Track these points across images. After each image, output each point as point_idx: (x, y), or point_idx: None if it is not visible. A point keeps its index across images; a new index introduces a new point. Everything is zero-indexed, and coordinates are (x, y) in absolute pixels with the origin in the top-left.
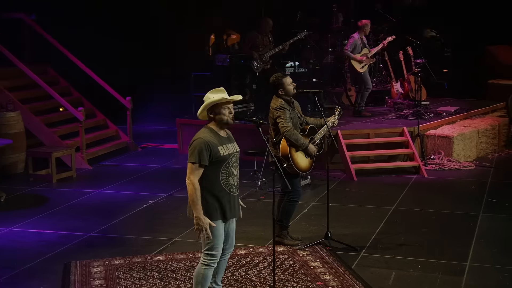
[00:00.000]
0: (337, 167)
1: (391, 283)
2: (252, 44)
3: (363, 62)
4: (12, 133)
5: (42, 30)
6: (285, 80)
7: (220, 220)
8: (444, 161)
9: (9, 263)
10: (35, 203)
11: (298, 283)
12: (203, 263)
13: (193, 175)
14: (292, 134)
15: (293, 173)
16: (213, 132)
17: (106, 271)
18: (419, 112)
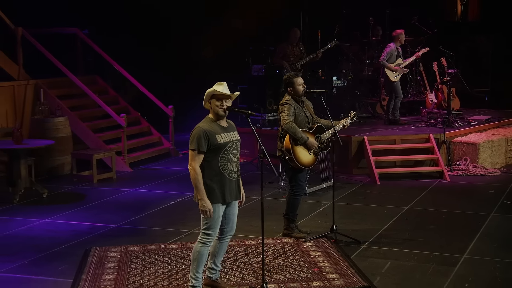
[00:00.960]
0: (363, 171)
1: (384, 271)
2: (283, 55)
3: (397, 72)
4: (59, 137)
5: (93, 44)
6: (296, 80)
7: (220, 204)
8: (470, 167)
9: (38, 248)
10: (73, 199)
11: (295, 269)
12: (200, 241)
13: (194, 161)
14: (290, 127)
15: (295, 167)
16: (212, 122)
17: (121, 256)
18: (449, 120)
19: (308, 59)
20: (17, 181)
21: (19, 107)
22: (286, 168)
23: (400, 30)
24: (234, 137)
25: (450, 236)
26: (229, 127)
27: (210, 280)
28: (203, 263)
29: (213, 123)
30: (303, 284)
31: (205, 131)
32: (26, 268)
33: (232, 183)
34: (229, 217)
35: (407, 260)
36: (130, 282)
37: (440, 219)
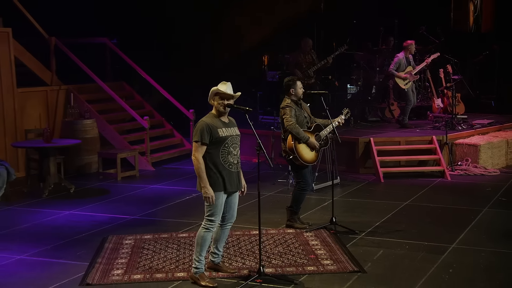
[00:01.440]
0: (369, 171)
1: (375, 258)
2: (296, 62)
3: (407, 79)
4: (87, 138)
5: (121, 52)
6: (298, 83)
7: (222, 192)
8: (470, 167)
9: (60, 235)
10: (97, 194)
11: (293, 255)
12: (204, 227)
13: (197, 152)
14: (293, 128)
15: (300, 164)
16: (214, 117)
17: (135, 243)
18: (452, 123)
19: (320, 65)
20: (46, 177)
21: (52, 110)
22: (292, 166)
23: (411, 41)
24: (234, 132)
25: (443, 228)
26: (230, 123)
27: (213, 264)
28: (206, 247)
29: (215, 118)
30: (299, 268)
31: (208, 125)
32: (49, 253)
33: (233, 174)
34: (230, 205)
35: (398, 249)
36: (141, 265)
37: (436, 214)
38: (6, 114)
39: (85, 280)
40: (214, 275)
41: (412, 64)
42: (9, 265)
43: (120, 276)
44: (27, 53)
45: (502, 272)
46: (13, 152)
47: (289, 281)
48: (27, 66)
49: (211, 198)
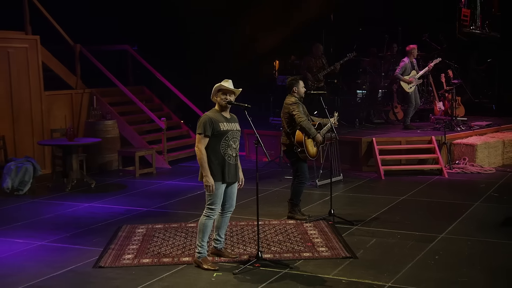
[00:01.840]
0: (371, 169)
1: (368, 246)
2: (307, 66)
3: (411, 83)
4: (108, 137)
5: (141, 59)
6: (300, 82)
7: (220, 182)
8: (467, 165)
9: (79, 225)
10: (116, 189)
11: (291, 243)
12: (205, 214)
13: (200, 143)
14: (306, 123)
15: (303, 158)
16: (217, 112)
17: (146, 231)
18: (451, 125)
19: (329, 70)
20: (69, 172)
21: (76, 111)
22: (292, 160)
23: (413, 45)
24: (235, 128)
25: (435, 220)
26: (231, 119)
27: (216, 250)
28: (208, 234)
29: (218, 113)
30: (295, 254)
31: (211, 119)
32: (67, 239)
33: (231, 166)
34: (229, 195)
35: (390, 238)
36: (150, 251)
37: (430, 207)
38: (34, 115)
39: (98, 263)
40: (217, 260)
41: (416, 69)
42: (31, 249)
43: (130, 260)
44: (54, 59)
45: (484, 259)
46: (40, 150)
47: (284, 265)
48: (54, 71)
49: (211, 187)
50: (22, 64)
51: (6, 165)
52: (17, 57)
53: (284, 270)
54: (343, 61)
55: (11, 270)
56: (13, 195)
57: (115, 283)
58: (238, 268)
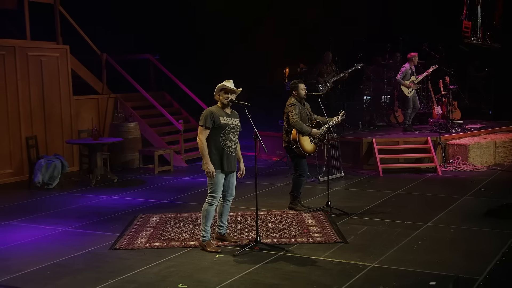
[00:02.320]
0: (372, 167)
1: (359, 233)
2: (319, 72)
3: (411, 89)
4: (130, 138)
5: (162, 67)
6: (300, 85)
7: (219, 171)
8: (460, 164)
9: (100, 214)
10: (136, 184)
11: (289, 230)
12: (207, 202)
13: (201, 134)
14: (297, 124)
15: (300, 154)
16: (219, 108)
17: (159, 220)
18: (447, 127)
19: (338, 77)
20: (94, 169)
21: (102, 114)
22: (291, 156)
23: (414, 53)
24: (235, 122)
25: (423, 211)
26: (232, 114)
27: (219, 235)
28: (210, 219)
29: (219, 108)
30: (291, 239)
31: (212, 112)
32: (88, 226)
33: (230, 157)
34: (229, 185)
35: (380, 226)
36: (161, 236)
37: (421, 200)
38: (63, 117)
39: (114, 246)
40: (220, 244)
41: (415, 75)
42: (56, 234)
43: (142, 243)
44: (82, 66)
45: (464, 244)
46: (69, 149)
47: (280, 249)
48: (82, 77)
49: (211, 173)
50: (53, 71)
51: (37, 162)
52: (49, 65)
53: (279, 253)
54: (351, 70)
55: (38, 251)
56: (43, 188)
57: (128, 262)
58: (238, 251)
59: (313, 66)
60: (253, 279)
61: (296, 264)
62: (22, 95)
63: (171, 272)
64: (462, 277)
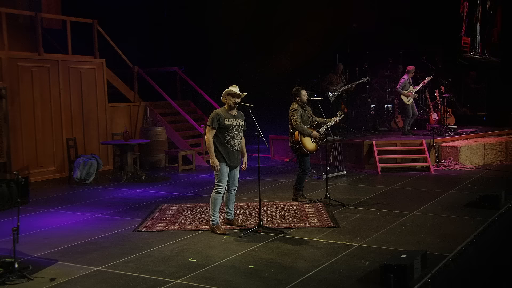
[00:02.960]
0: (372, 167)
1: (351, 220)
2: (330, 81)
3: (409, 98)
4: (158, 140)
5: (188, 78)
6: (302, 91)
7: (224, 163)
8: (452, 164)
9: (127, 204)
10: (161, 180)
11: (290, 217)
12: (215, 190)
13: (208, 133)
14: (298, 126)
15: (303, 152)
16: (225, 110)
17: (178, 209)
18: (441, 131)
19: (346, 88)
20: (125, 167)
21: (133, 120)
22: (296, 154)
23: (412, 66)
24: (239, 123)
25: (412, 202)
26: (237, 116)
27: (228, 220)
28: (218, 205)
29: (225, 111)
30: (291, 224)
31: (218, 114)
32: (117, 214)
33: (234, 153)
34: (233, 176)
35: (371, 215)
36: (178, 221)
37: (411, 194)
38: (99, 122)
39: (137, 229)
40: (228, 227)
41: (412, 85)
42: (89, 219)
43: (161, 227)
44: (116, 78)
45: (442, 229)
46: (104, 149)
47: (280, 232)
48: (116, 87)
49: (216, 167)
50: (91, 81)
51: (76, 160)
52: (87, 76)
53: (279, 235)
54: (358, 82)
55: (74, 232)
56: (80, 183)
57: (148, 241)
58: (243, 233)
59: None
60: (253, 255)
61: (292, 244)
62: (64, 102)
63: (184, 249)
64: (435, 254)
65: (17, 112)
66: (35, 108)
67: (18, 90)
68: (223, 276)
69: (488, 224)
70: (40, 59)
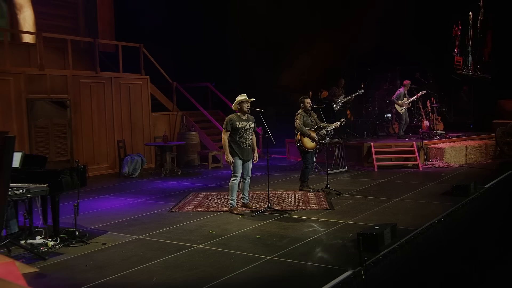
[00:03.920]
0: (370, 165)
1: (345, 204)
2: (333, 94)
3: (403, 107)
4: (191, 143)
5: (217, 92)
6: (306, 100)
7: (238, 158)
8: (438, 162)
9: (164, 192)
10: (193, 175)
11: (295, 202)
12: (231, 179)
13: (224, 135)
14: (299, 128)
15: (304, 150)
16: (237, 115)
17: (205, 196)
18: (429, 135)
19: (346, 99)
20: (164, 164)
21: (172, 126)
22: (300, 151)
23: (408, 81)
24: (248, 125)
25: (397, 192)
26: (247, 119)
27: (243, 204)
28: (235, 191)
29: (237, 116)
30: (294, 207)
31: (231, 119)
32: (156, 199)
33: (245, 149)
34: (246, 168)
35: (361, 200)
36: (204, 205)
37: (399, 185)
38: (144, 127)
39: (171, 210)
40: (244, 209)
41: (407, 97)
42: (133, 203)
43: (190, 209)
44: (158, 91)
45: (417, 211)
46: (148, 150)
47: (285, 212)
48: (158, 99)
49: (230, 162)
50: (137, 94)
51: (125, 158)
52: (135, 90)
53: (283, 215)
54: (356, 94)
55: (121, 212)
56: (128, 177)
57: (178, 219)
58: (255, 213)
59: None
60: (261, 229)
61: (293, 221)
62: (116, 111)
63: (206, 224)
64: (407, 229)
65: (79, 119)
66: (93, 116)
67: (80, 101)
68: (235, 243)
69: (456, 208)
70: (97, 76)
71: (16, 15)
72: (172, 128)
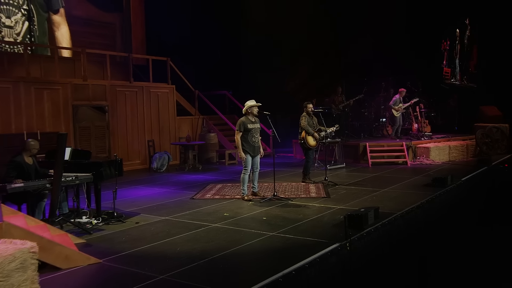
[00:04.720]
0: (366, 162)
1: (340, 193)
2: (333, 100)
3: (398, 111)
4: (211, 143)
5: (234, 99)
6: (308, 105)
7: (248, 154)
8: (424, 159)
9: (186, 184)
10: (212, 170)
11: (297, 191)
12: (242, 172)
13: (237, 135)
14: (305, 127)
15: (307, 147)
16: (247, 118)
17: (221, 186)
18: (417, 136)
19: (345, 104)
20: (187, 161)
21: (194, 128)
22: (303, 148)
23: (404, 89)
24: (257, 126)
25: (385, 183)
26: (255, 121)
27: (253, 192)
28: (246, 182)
29: (247, 118)
30: (296, 195)
31: (243, 121)
32: (180, 189)
33: (255, 147)
34: (255, 162)
35: (354, 190)
36: (220, 193)
37: (388, 179)
38: (170, 129)
39: (192, 197)
40: (253, 197)
41: (402, 103)
42: (161, 192)
43: (208, 197)
44: (183, 98)
45: (401, 199)
46: (174, 148)
47: (288, 199)
48: (182, 105)
49: (243, 158)
50: (164, 101)
51: (153, 155)
52: (162, 97)
53: (286, 201)
54: (355, 99)
55: (151, 199)
56: (157, 171)
57: (198, 204)
58: (263, 200)
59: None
60: (267, 212)
61: (294, 206)
62: (146, 116)
63: (222, 208)
64: (390, 212)
65: (115, 122)
66: (127, 119)
67: (116, 107)
68: (244, 223)
69: (434, 196)
70: (131, 85)
71: (53, 32)
72: (194, 130)
